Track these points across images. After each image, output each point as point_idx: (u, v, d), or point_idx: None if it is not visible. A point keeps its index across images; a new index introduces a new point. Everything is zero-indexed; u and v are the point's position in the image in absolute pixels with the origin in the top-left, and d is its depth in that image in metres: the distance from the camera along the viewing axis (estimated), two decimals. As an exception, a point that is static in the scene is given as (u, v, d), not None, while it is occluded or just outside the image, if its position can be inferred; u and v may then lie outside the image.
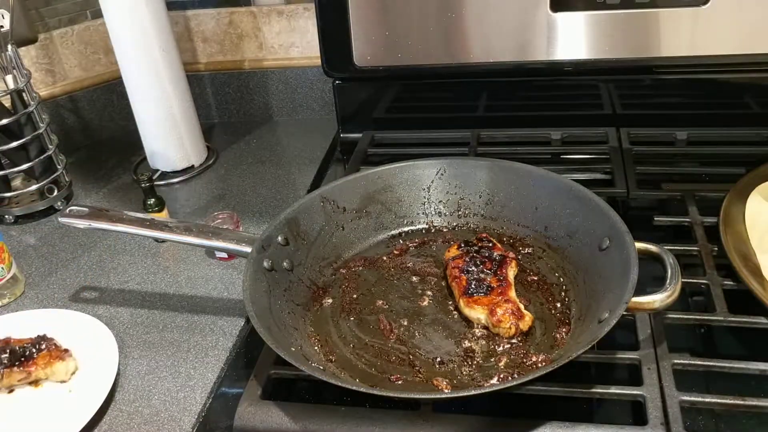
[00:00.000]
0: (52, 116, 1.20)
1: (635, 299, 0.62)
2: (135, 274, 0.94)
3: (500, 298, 0.71)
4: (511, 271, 0.76)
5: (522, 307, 0.71)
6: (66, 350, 0.76)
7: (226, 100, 1.34)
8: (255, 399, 0.65)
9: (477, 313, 0.72)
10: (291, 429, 0.63)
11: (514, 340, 0.69)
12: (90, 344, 0.78)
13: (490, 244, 0.79)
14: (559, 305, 0.74)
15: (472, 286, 0.74)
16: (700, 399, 0.61)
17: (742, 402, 0.60)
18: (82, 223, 0.81)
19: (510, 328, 0.69)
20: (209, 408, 0.72)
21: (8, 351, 0.75)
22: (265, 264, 0.76)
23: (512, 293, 0.73)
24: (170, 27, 1.09)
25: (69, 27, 1.25)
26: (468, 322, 0.73)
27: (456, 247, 0.80)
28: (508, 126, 1.10)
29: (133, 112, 1.14)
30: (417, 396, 0.63)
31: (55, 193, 1.10)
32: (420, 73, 1.09)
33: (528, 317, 0.70)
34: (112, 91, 1.30)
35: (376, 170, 0.89)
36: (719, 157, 1.00)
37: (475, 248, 0.79)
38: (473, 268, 0.76)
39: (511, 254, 0.78)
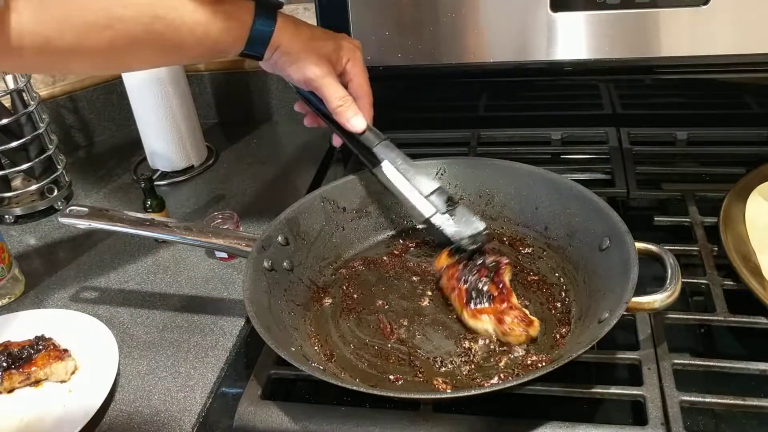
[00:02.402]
0: (52, 116, 1.20)
1: (635, 299, 0.62)
2: (135, 274, 0.94)
3: (504, 305, 0.69)
4: (507, 277, 0.74)
5: (528, 312, 0.70)
6: (65, 350, 0.76)
7: (226, 100, 1.34)
8: (255, 399, 0.65)
9: (484, 324, 0.69)
10: (291, 429, 0.63)
11: (523, 347, 0.68)
12: (90, 344, 0.79)
13: (482, 249, 0.78)
14: (559, 305, 0.74)
15: (473, 296, 0.71)
16: (700, 399, 0.61)
17: (742, 402, 0.60)
18: (82, 223, 0.81)
19: (520, 335, 0.67)
20: (209, 408, 0.72)
21: (7, 354, 0.75)
22: (265, 264, 0.75)
23: (515, 299, 0.71)
24: (170, 27, 1.09)
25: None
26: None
27: (446, 254, 0.78)
28: (508, 126, 1.10)
29: (133, 111, 1.14)
30: (417, 396, 0.63)
31: (55, 193, 1.10)
32: (420, 73, 1.09)
33: (536, 322, 0.68)
34: (112, 91, 1.30)
35: (377, 170, 0.89)
36: (719, 157, 1.00)
37: (467, 254, 0.76)
38: (470, 277, 0.73)
39: (505, 259, 0.76)
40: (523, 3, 0.99)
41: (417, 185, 0.79)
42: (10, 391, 0.75)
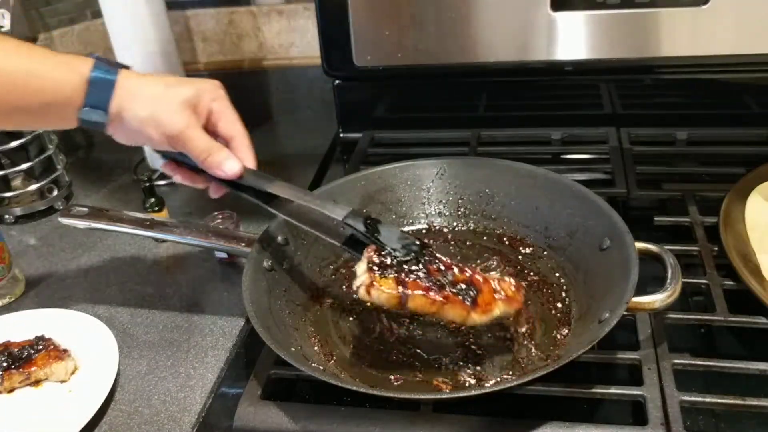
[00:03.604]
0: (52, 116, 1.20)
1: (635, 299, 0.62)
2: (135, 274, 0.94)
3: (492, 282, 0.65)
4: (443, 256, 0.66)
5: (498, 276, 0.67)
6: (65, 350, 0.76)
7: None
8: (255, 399, 0.65)
9: (494, 313, 0.64)
10: (291, 429, 0.63)
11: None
12: (90, 344, 0.78)
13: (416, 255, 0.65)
14: (559, 305, 0.74)
15: (464, 293, 0.63)
16: (700, 399, 0.61)
17: (742, 402, 0.60)
18: (82, 223, 0.81)
19: (521, 297, 0.65)
20: (209, 408, 0.72)
21: (7, 354, 0.75)
22: (265, 264, 0.76)
23: (480, 271, 0.66)
24: (170, 27, 1.09)
25: (69, 27, 1.25)
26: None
27: (379, 279, 0.62)
28: (508, 126, 1.10)
29: (133, 112, 1.14)
30: (417, 396, 0.63)
31: (55, 193, 1.10)
32: (420, 72, 1.09)
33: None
34: (112, 91, 1.30)
35: (376, 170, 0.89)
36: (719, 157, 1.00)
37: (395, 262, 0.64)
38: (439, 280, 0.63)
39: (422, 241, 0.67)
40: (523, 3, 0.99)
41: (329, 213, 0.70)
42: (10, 391, 0.75)
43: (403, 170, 0.89)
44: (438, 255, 0.65)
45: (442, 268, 0.64)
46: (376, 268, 0.63)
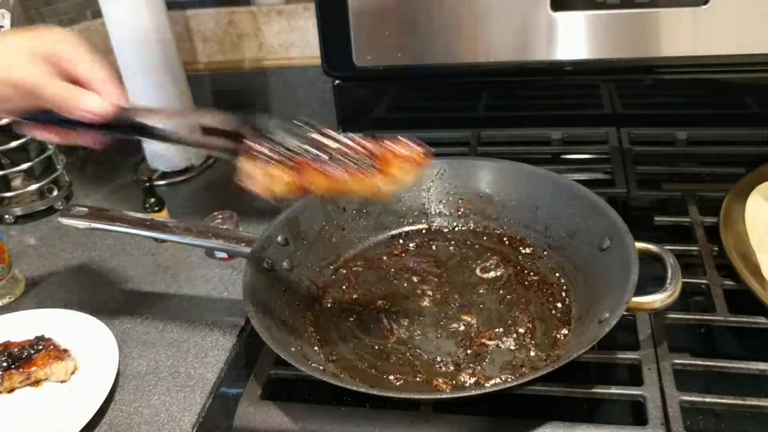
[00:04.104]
0: (52, 116, 1.20)
1: (635, 299, 0.62)
2: (135, 274, 0.94)
3: (392, 147, 0.60)
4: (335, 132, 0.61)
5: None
6: (65, 350, 0.76)
7: (226, 100, 1.34)
8: (255, 399, 0.65)
9: (404, 176, 0.60)
10: (291, 429, 0.63)
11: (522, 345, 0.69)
12: (90, 344, 0.78)
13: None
14: (559, 305, 0.74)
15: (367, 164, 0.59)
16: (700, 399, 0.61)
17: (742, 402, 0.60)
18: (82, 223, 0.81)
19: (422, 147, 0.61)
20: (209, 408, 0.72)
21: (7, 354, 0.75)
22: (265, 264, 0.76)
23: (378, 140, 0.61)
24: (170, 27, 1.09)
25: (69, 27, 1.25)
26: (466, 321, 0.73)
27: (264, 170, 0.60)
28: (508, 126, 1.10)
29: (133, 112, 1.14)
30: (417, 396, 0.63)
31: (55, 193, 1.11)
32: (420, 73, 1.09)
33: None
34: (112, 91, 1.30)
35: (376, 170, 0.89)
36: (719, 157, 1.00)
37: (284, 148, 0.61)
38: (336, 156, 0.59)
39: (310, 122, 0.63)
40: (523, 3, 0.99)
41: (212, 123, 0.65)
42: (10, 391, 0.75)
43: (403, 170, 0.89)
44: (331, 133, 0.61)
45: (338, 145, 0.60)
46: (264, 159, 0.60)
